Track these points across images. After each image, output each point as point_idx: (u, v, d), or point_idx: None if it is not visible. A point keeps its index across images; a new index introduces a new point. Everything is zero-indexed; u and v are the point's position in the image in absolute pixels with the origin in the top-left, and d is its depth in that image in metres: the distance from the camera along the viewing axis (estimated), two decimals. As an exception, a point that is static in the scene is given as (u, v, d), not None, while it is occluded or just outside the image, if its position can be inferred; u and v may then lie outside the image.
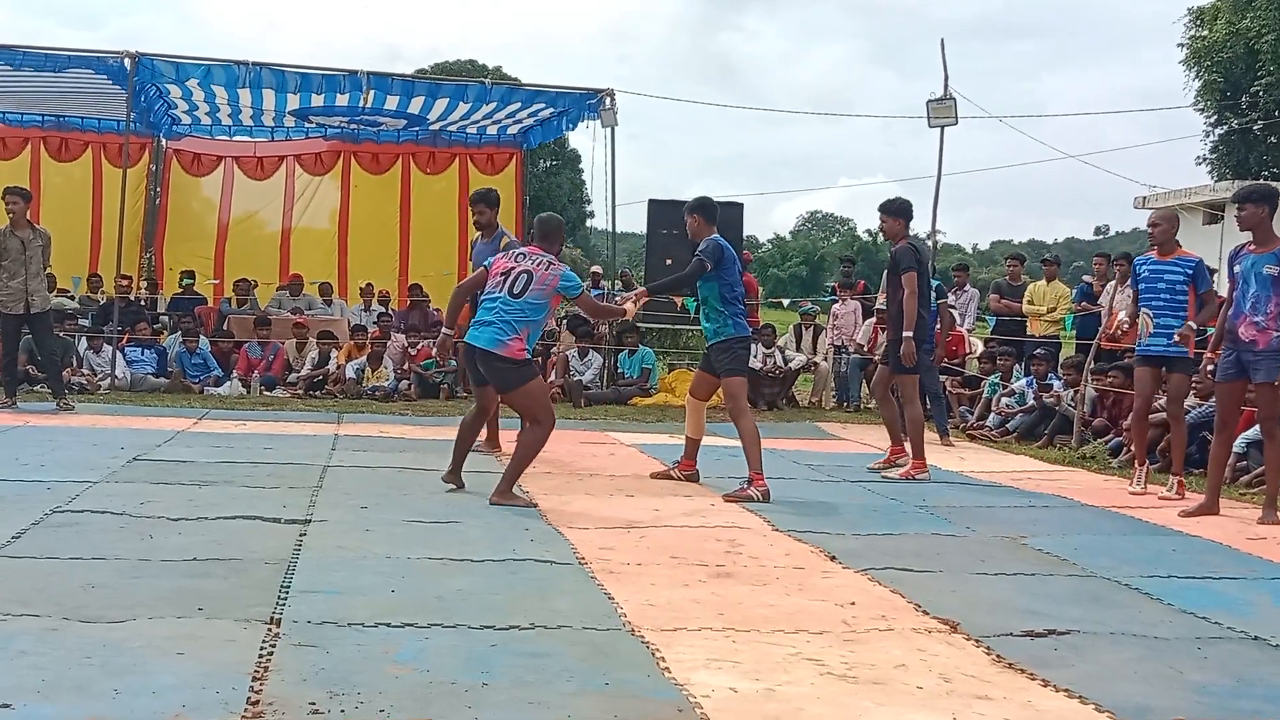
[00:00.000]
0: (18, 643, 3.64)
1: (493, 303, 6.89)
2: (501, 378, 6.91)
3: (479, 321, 6.94)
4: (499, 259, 7.14)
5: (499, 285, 6.92)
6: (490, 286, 6.99)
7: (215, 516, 5.91)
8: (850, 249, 63.17)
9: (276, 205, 18.04)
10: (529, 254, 7.06)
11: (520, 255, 7.07)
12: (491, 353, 6.81)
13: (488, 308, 6.91)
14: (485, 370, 6.95)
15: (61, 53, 13.59)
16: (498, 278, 6.97)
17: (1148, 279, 8.27)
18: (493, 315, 6.86)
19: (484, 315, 6.92)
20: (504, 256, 7.16)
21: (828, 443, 11.15)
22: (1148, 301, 8.26)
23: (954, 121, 14.14)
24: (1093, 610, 4.76)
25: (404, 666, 3.61)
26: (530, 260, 6.99)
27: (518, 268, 6.95)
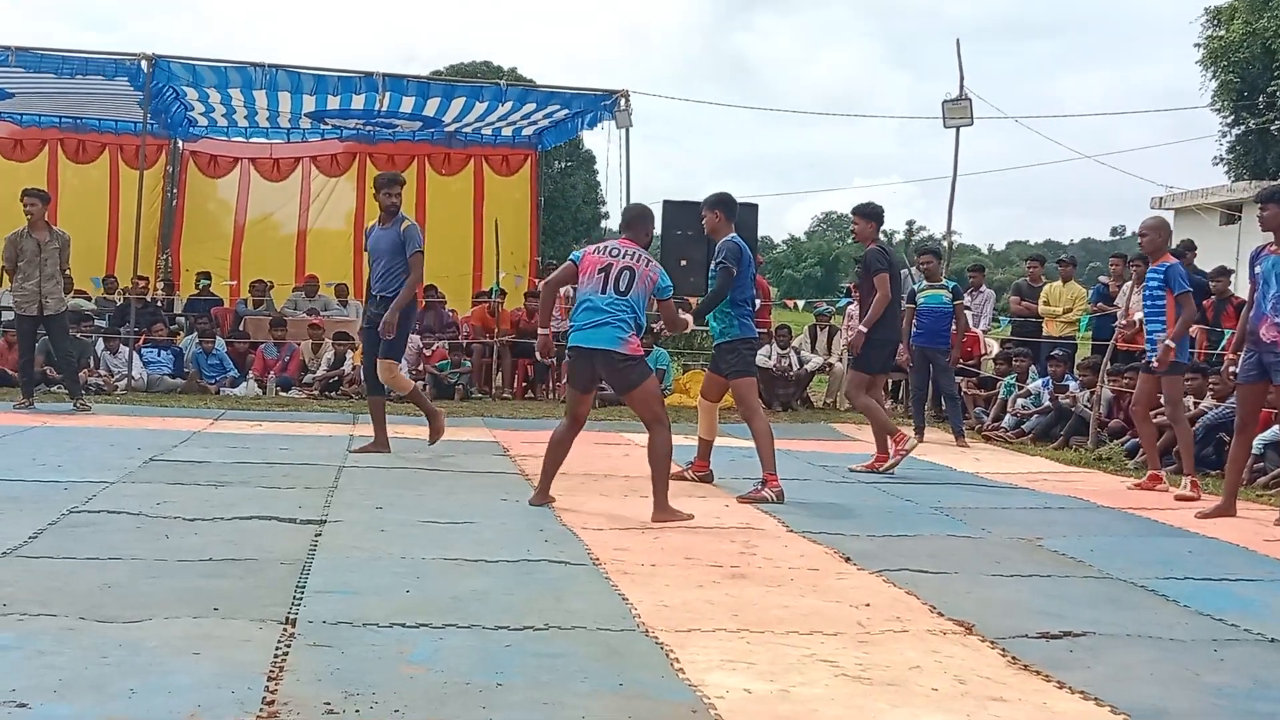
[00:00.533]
0: (35, 642, 3.65)
1: (599, 300, 6.56)
2: (624, 377, 6.66)
3: (591, 323, 6.58)
4: (590, 255, 6.76)
5: (600, 283, 6.58)
6: (590, 284, 6.63)
7: (231, 517, 5.93)
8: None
9: (292, 207, 18.11)
10: (623, 249, 6.74)
11: (615, 251, 6.72)
12: (614, 352, 6.53)
13: (595, 307, 6.57)
14: (606, 372, 6.66)
15: (79, 55, 13.68)
16: (596, 275, 6.61)
17: (1147, 286, 8.49)
18: (605, 314, 6.54)
19: (594, 315, 6.57)
20: (596, 252, 6.77)
21: (842, 444, 11.14)
22: (1144, 308, 8.54)
23: (970, 122, 14.12)
24: (1109, 612, 4.74)
25: (419, 667, 3.62)
26: (628, 255, 6.69)
27: (616, 264, 6.63)
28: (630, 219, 7.09)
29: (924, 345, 11.15)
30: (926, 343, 11.14)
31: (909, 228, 71.03)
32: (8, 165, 16.95)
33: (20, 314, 11.07)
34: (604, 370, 6.67)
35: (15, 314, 11.26)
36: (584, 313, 6.62)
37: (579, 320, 6.65)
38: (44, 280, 10.83)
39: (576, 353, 6.70)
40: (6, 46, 13.33)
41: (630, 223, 7.04)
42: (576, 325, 6.65)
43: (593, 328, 6.56)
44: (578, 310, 6.67)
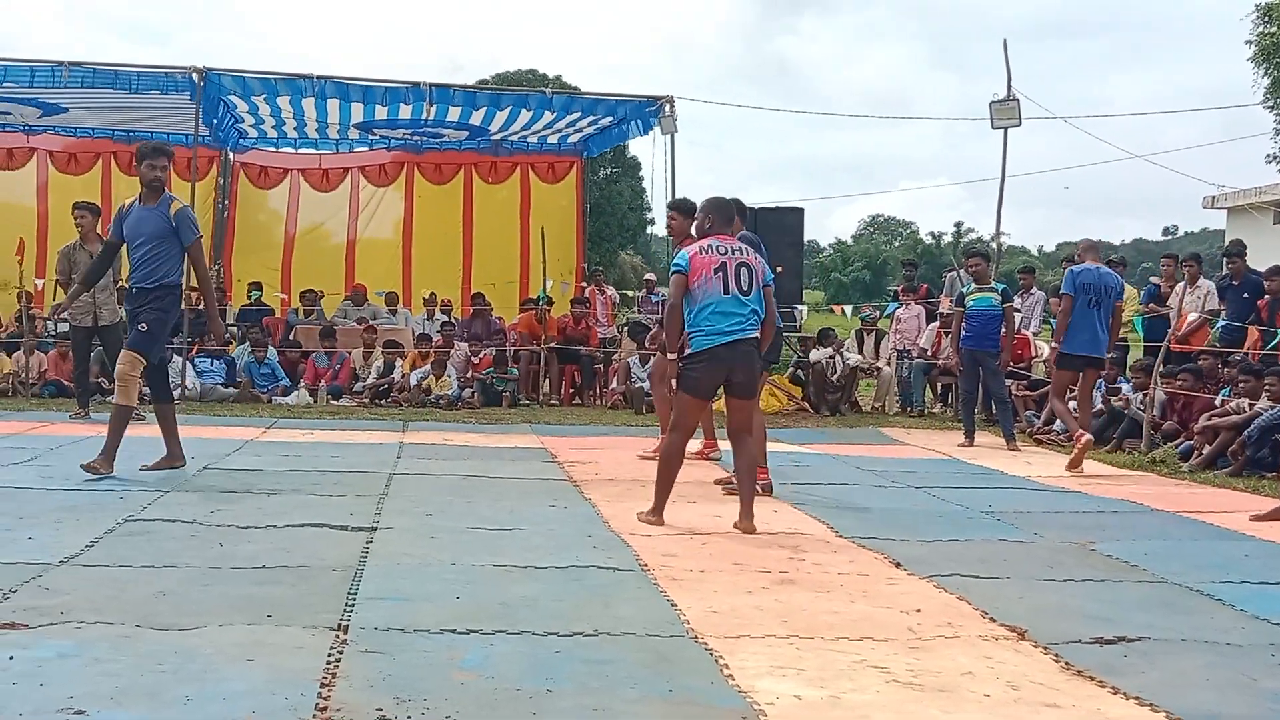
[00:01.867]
0: (92, 650, 3.70)
1: (727, 303, 6.25)
2: (756, 379, 6.49)
3: (733, 328, 6.24)
4: (697, 256, 6.33)
5: (720, 284, 6.25)
6: (709, 287, 6.26)
7: (283, 524, 5.99)
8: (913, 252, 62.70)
9: (342, 216, 18.28)
10: (729, 245, 6.40)
11: (722, 248, 6.36)
12: (756, 354, 6.36)
13: (725, 310, 6.24)
14: (747, 376, 6.37)
15: (131, 69, 13.89)
16: (713, 276, 6.26)
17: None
18: (743, 317, 6.27)
19: (731, 322, 6.24)
20: (701, 252, 6.33)
21: (891, 448, 11.07)
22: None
23: (1018, 123, 14.01)
24: (1163, 617, 4.68)
25: (469, 673, 3.64)
26: (738, 251, 6.39)
27: (731, 261, 6.32)
28: (718, 211, 6.59)
29: (973, 348, 11.08)
30: (976, 345, 11.07)
31: (957, 230, 70.51)
32: (62, 178, 17.22)
33: (75, 325, 11.25)
34: (746, 376, 6.36)
35: (70, 325, 11.45)
36: (713, 317, 6.24)
37: (712, 325, 6.24)
38: (97, 291, 10.98)
39: (723, 351, 6.24)
40: (59, 62, 13.55)
41: (725, 217, 6.58)
42: (709, 330, 6.25)
43: (739, 331, 6.25)
44: (702, 315, 6.25)
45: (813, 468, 9.10)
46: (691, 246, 6.53)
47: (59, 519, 5.94)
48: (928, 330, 14.69)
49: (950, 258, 25.27)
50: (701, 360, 6.31)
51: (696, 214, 6.91)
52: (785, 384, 14.71)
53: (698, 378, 6.37)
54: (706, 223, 6.61)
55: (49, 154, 17.39)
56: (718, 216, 6.59)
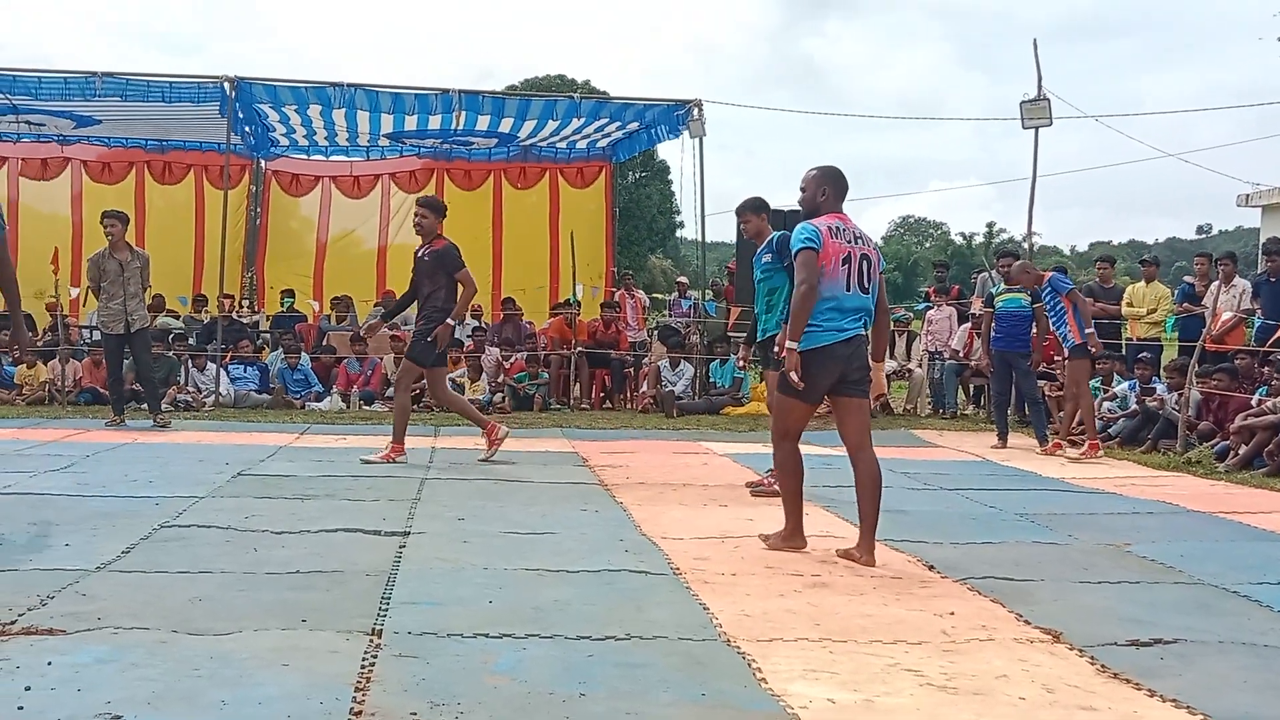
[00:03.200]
0: (129, 655, 3.73)
1: (848, 300, 5.56)
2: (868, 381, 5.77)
3: (851, 327, 5.58)
4: (829, 240, 5.48)
5: (845, 278, 5.54)
6: (834, 279, 5.51)
7: (317, 530, 6.02)
8: (944, 253, 62.39)
9: (373, 223, 18.39)
10: (852, 230, 5.62)
11: (849, 235, 5.57)
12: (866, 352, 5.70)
13: (843, 308, 5.54)
14: (861, 373, 5.66)
15: (163, 79, 14.02)
16: (840, 267, 5.51)
17: None
18: (862, 317, 5.63)
19: (852, 320, 5.57)
20: (832, 235, 5.50)
21: (924, 450, 11.02)
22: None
23: (1049, 122, 13.93)
24: (1200, 618, 4.64)
25: (502, 677, 3.64)
26: (862, 240, 5.63)
27: (856, 252, 5.56)
28: (837, 184, 5.72)
29: (1003, 349, 11.03)
30: (1005, 347, 11.02)
31: (989, 230, 70.14)
32: (96, 188, 17.40)
33: (107, 333, 11.37)
34: (859, 370, 5.65)
35: (102, 333, 11.57)
36: (830, 314, 5.53)
37: (829, 322, 5.53)
38: (128, 299, 11.11)
39: (840, 349, 5.54)
40: (93, 72, 13.69)
41: (841, 189, 5.73)
42: (825, 327, 5.53)
43: (857, 329, 5.61)
44: (821, 311, 5.51)
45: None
46: (820, 221, 5.57)
47: (95, 526, 5.99)
48: (959, 331, 14.62)
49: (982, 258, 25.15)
50: (820, 355, 5.53)
51: (808, 185, 5.73)
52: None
53: (817, 375, 5.54)
54: (820, 196, 5.67)
55: (83, 164, 17.59)
56: (833, 189, 5.69)
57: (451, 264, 8.99)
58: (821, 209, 5.66)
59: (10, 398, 13.23)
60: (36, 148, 17.35)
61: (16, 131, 16.66)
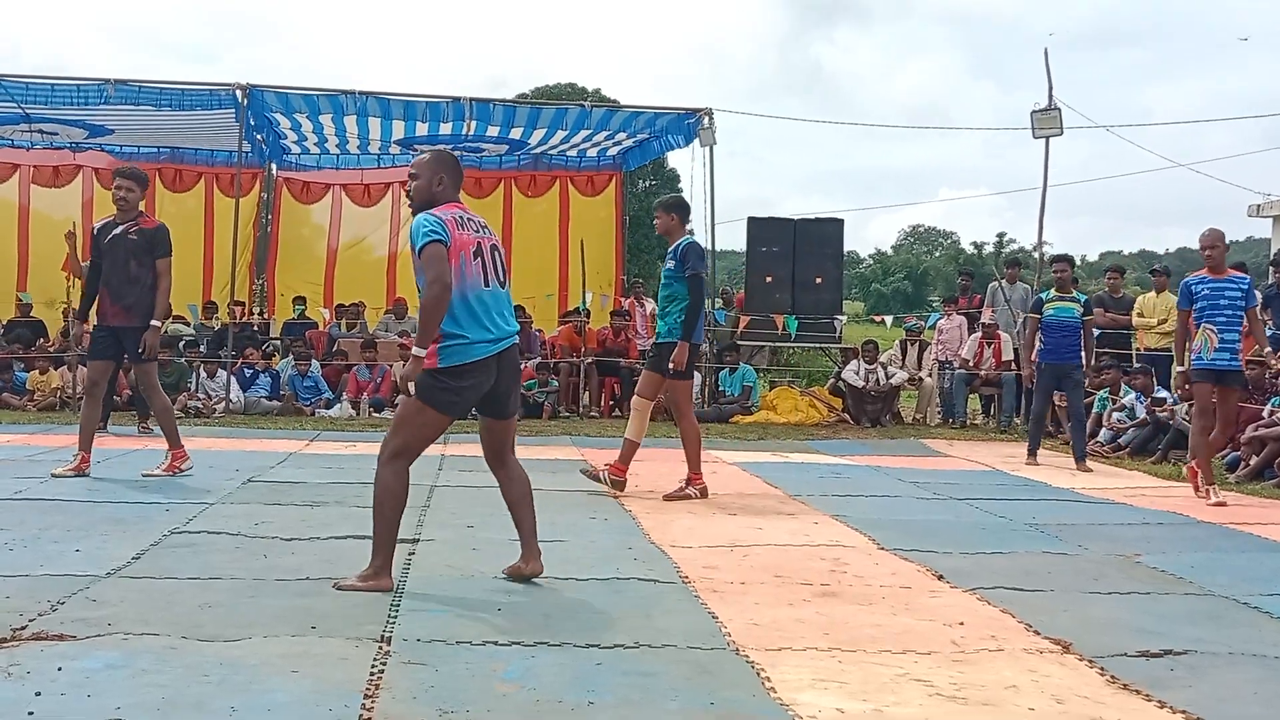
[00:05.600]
0: (138, 661, 3.74)
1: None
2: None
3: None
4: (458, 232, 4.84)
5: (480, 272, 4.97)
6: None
7: (327, 536, 6.03)
8: (955, 262, 62.32)
9: (383, 231, 18.43)
10: (476, 219, 5.08)
11: (470, 221, 4.99)
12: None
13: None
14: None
15: (175, 87, 14.06)
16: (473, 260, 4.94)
17: (1208, 297, 8.53)
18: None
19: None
20: (461, 229, 4.89)
21: (933, 459, 11.01)
22: (1210, 318, 8.53)
23: (1059, 132, 13.93)
24: (1210, 629, 4.63)
25: (511, 684, 3.65)
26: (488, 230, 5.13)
27: (485, 241, 5.01)
28: (455, 170, 5.14)
29: (1055, 362, 10.40)
30: (1057, 359, 10.38)
31: (999, 239, 70.09)
32: (107, 195, 17.34)
33: None
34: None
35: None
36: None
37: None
38: None
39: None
40: (105, 80, 13.74)
41: (457, 177, 5.13)
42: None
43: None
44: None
45: (854, 480, 9.07)
46: (441, 211, 4.94)
47: (106, 531, 6.01)
48: (969, 341, 14.60)
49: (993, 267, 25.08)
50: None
51: (420, 170, 5.04)
52: (825, 395, 14.68)
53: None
54: (437, 185, 5.01)
55: (94, 171, 17.63)
56: (450, 176, 5.06)
57: (163, 248, 8.24)
58: (439, 199, 4.99)
59: (22, 404, 13.28)
60: (48, 155, 17.39)
61: (29, 139, 16.73)
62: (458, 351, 4.79)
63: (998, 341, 14.32)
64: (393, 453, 4.97)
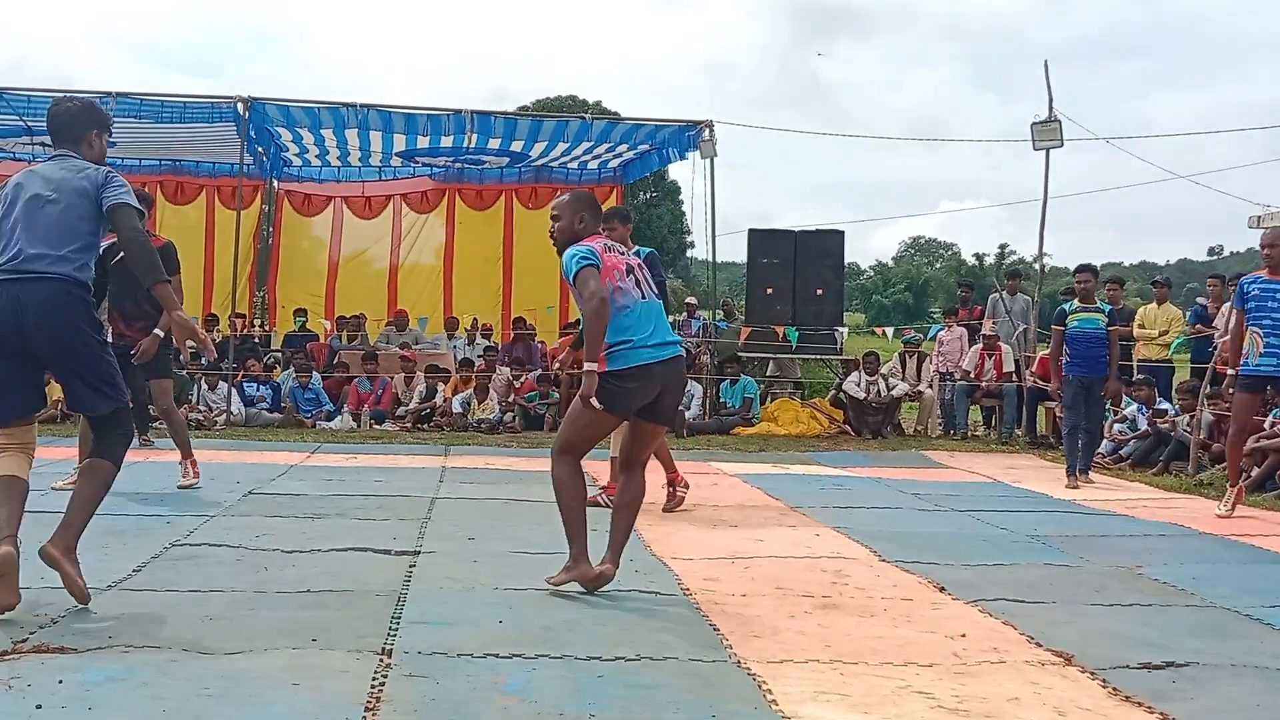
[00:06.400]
0: (139, 674, 3.74)
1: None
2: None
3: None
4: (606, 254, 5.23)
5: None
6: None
7: (328, 549, 6.03)
8: (956, 273, 62.27)
9: (384, 243, 18.46)
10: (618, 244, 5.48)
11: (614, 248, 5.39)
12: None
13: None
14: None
15: (177, 99, 14.08)
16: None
17: (1258, 298, 8.17)
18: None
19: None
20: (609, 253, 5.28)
21: (935, 471, 11.00)
22: (1257, 321, 8.19)
23: (1059, 144, 13.95)
24: (1212, 641, 4.62)
25: (512, 697, 3.64)
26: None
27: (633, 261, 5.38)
28: (595, 208, 5.53)
29: (1083, 375, 10.08)
30: (1087, 372, 10.06)
31: (1000, 251, 70.05)
32: (109, 208, 17.43)
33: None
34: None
35: None
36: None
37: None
38: None
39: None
40: (107, 92, 13.76)
41: (597, 215, 5.53)
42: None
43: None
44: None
45: (855, 491, 9.06)
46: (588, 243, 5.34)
47: (106, 544, 5.99)
48: (970, 352, 14.60)
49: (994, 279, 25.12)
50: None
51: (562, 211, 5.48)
52: (826, 407, 14.68)
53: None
54: (579, 223, 5.42)
55: (97, 184, 17.65)
56: (590, 214, 5.47)
57: (172, 265, 8.35)
58: (581, 235, 5.35)
59: (23, 416, 13.25)
60: (50, 168, 17.41)
61: (31, 152, 16.75)
62: (623, 355, 5.17)
63: (998, 353, 14.32)
64: (560, 448, 5.38)
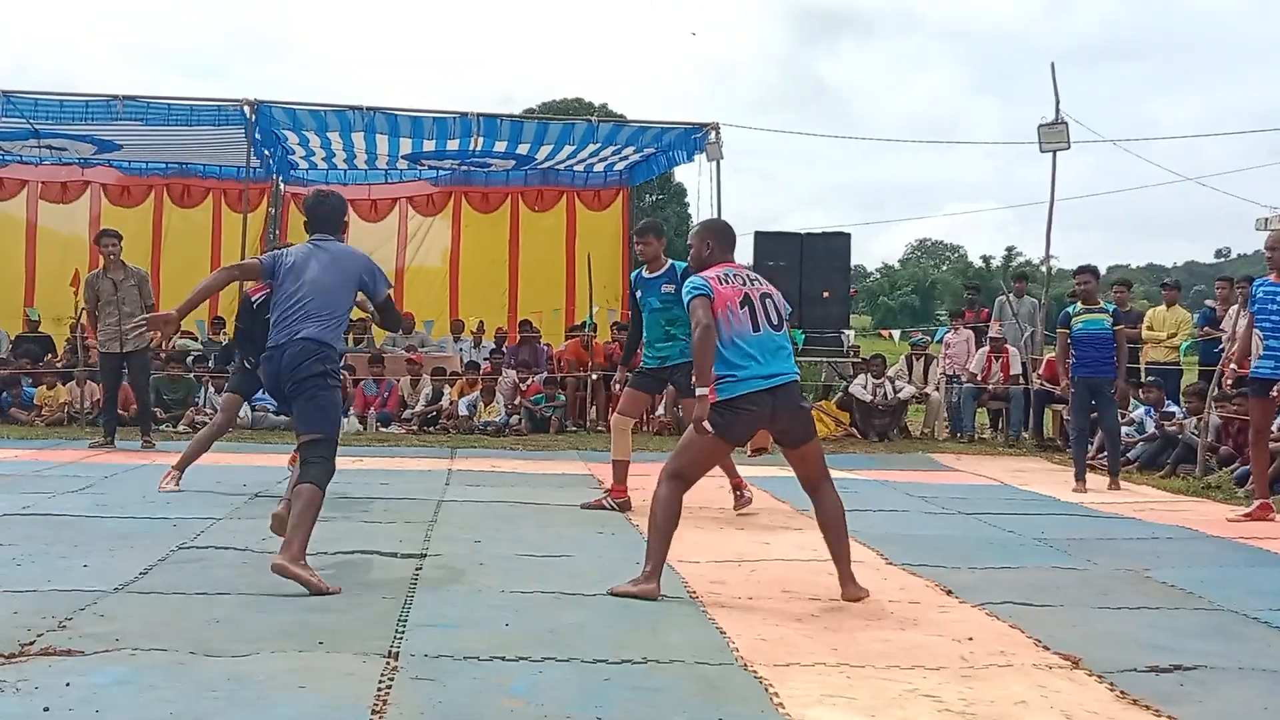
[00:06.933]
0: (146, 676, 3.74)
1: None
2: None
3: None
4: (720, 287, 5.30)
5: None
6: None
7: (334, 551, 6.03)
8: (963, 275, 62.23)
9: (390, 246, 18.44)
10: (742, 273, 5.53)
11: (735, 276, 5.43)
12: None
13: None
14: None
15: (184, 103, 14.13)
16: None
17: (1261, 300, 8.17)
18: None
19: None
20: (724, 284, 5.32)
21: (941, 474, 10.99)
22: (1260, 324, 8.23)
23: (1066, 146, 13.95)
24: (1220, 645, 4.61)
25: (518, 700, 3.64)
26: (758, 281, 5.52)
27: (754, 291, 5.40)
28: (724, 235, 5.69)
29: (1088, 375, 9.99)
30: (1092, 373, 9.98)
31: (1008, 253, 69.99)
32: (115, 210, 17.49)
33: (104, 352, 11.41)
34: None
35: (100, 352, 11.60)
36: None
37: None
38: (123, 318, 11.10)
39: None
40: (114, 96, 13.81)
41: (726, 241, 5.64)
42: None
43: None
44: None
45: (862, 494, 9.05)
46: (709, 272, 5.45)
47: (113, 546, 6.01)
48: (977, 355, 14.58)
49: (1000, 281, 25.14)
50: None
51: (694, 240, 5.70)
52: (833, 409, 14.66)
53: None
54: (706, 250, 5.58)
55: (103, 187, 17.71)
56: (717, 241, 5.60)
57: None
58: (709, 262, 5.48)
59: (29, 419, 13.30)
60: (56, 171, 17.48)
61: (38, 155, 16.81)
62: (729, 387, 5.20)
63: (1005, 355, 14.30)
64: (671, 472, 5.40)
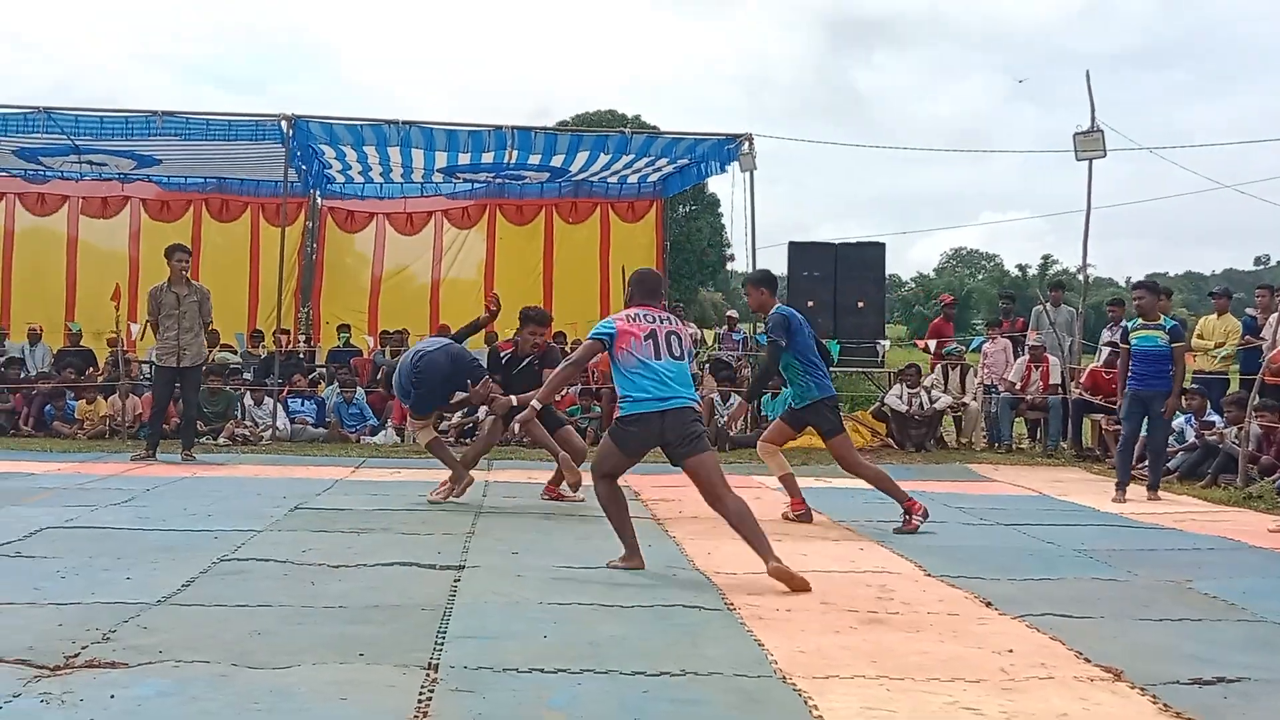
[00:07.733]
0: (190, 688, 3.78)
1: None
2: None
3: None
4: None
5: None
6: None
7: (374, 563, 6.06)
8: (998, 284, 61.80)
9: (426, 259, 18.58)
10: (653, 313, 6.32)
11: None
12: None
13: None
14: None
15: (222, 118, 14.28)
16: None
17: None
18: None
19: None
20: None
21: (979, 484, 10.92)
22: None
23: (1102, 154, 13.88)
24: (1264, 657, 4.56)
25: (558, 712, 3.65)
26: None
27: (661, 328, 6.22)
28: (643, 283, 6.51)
29: (1141, 389, 9.94)
30: (1145, 387, 9.92)
31: (1044, 262, 69.51)
32: (155, 225, 17.70)
33: (159, 365, 11.50)
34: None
35: (155, 365, 11.69)
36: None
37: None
38: (182, 333, 11.20)
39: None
40: (153, 111, 13.96)
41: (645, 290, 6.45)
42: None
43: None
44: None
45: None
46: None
47: (155, 559, 6.07)
48: (1016, 364, 14.50)
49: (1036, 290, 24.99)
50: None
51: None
52: (869, 420, 14.61)
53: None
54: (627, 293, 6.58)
55: (142, 202, 17.92)
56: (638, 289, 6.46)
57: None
58: (629, 304, 6.46)
59: (72, 432, 13.45)
60: (97, 186, 17.71)
61: (79, 171, 17.03)
62: (629, 406, 6.09)
63: (1045, 364, 14.20)
64: (600, 475, 6.31)
